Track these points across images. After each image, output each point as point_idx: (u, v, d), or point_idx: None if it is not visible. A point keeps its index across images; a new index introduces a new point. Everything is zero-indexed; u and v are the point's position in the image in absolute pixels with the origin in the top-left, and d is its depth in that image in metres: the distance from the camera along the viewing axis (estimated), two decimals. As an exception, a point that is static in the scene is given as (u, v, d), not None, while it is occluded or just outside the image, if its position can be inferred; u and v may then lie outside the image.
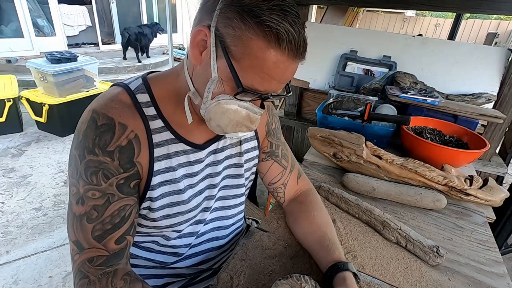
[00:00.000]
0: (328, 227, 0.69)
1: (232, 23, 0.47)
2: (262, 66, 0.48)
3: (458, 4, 1.46)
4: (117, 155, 0.53)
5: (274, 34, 0.45)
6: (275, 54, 0.47)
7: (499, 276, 0.67)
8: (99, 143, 0.52)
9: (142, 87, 0.58)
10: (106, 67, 5.33)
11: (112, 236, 0.53)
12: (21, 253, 1.64)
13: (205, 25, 0.50)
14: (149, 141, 0.56)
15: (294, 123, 1.92)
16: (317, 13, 6.24)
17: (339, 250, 0.62)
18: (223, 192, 0.72)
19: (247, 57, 0.48)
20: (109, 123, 0.52)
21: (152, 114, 0.57)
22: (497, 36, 7.65)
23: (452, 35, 3.26)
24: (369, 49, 1.63)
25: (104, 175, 0.52)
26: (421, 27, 9.13)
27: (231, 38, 0.48)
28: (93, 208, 0.52)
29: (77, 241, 0.53)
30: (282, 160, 0.78)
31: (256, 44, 0.47)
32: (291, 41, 0.46)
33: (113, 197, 0.53)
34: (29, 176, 2.31)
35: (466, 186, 0.90)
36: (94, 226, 0.52)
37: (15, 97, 2.75)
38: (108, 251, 0.53)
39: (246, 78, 0.49)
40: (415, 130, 1.17)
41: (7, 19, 5.05)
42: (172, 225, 0.64)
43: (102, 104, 0.54)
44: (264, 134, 0.77)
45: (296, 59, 0.50)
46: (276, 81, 0.51)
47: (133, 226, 0.57)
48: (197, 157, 0.63)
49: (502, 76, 1.42)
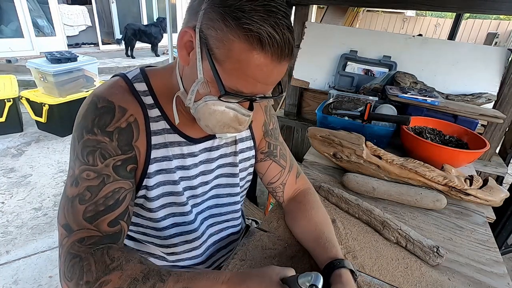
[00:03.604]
0: (325, 225, 0.69)
1: (215, 24, 0.46)
2: (245, 69, 0.47)
3: (458, 4, 1.46)
4: (116, 136, 0.53)
5: (256, 37, 0.44)
6: (258, 57, 0.46)
7: (499, 276, 0.67)
8: (99, 123, 0.52)
9: (140, 77, 0.59)
10: (106, 67, 5.33)
11: (105, 218, 0.51)
12: (21, 253, 1.64)
13: (191, 26, 0.49)
14: (147, 128, 0.57)
15: (294, 123, 1.92)
16: (317, 13, 6.24)
17: (336, 247, 0.62)
18: (217, 190, 0.73)
19: (229, 60, 0.47)
20: (109, 106, 0.53)
21: (150, 103, 0.58)
22: (497, 36, 7.65)
23: (452, 35, 3.26)
24: (369, 49, 1.63)
25: (102, 154, 0.52)
26: (421, 27, 9.13)
27: (214, 40, 0.47)
28: (87, 189, 0.51)
29: (66, 224, 0.50)
30: (280, 160, 0.78)
31: (238, 47, 0.45)
32: (274, 44, 0.45)
33: (108, 178, 0.52)
34: (29, 176, 2.31)
35: (466, 186, 0.90)
36: (87, 208, 0.50)
37: (15, 97, 2.75)
38: (100, 232, 0.50)
39: (230, 80, 0.49)
40: (415, 130, 1.17)
41: (7, 19, 5.05)
42: (167, 216, 0.64)
43: (103, 90, 0.55)
44: (261, 135, 0.77)
45: (281, 62, 0.48)
46: (261, 84, 0.50)
47: (128, 212, 0.54)
48: (190, 150, 0.63)
49: (502, 76, 1.42)
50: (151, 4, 7.51)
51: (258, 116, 0.76)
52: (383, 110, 1.26)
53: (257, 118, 0.75)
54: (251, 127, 0.74)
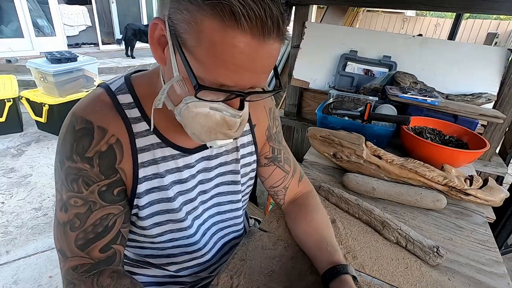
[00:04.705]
0: (326, 229, 0.67)
1: (180, 5, 0.39)
2: (222, 53, 0.38)
3: (458, 4, 1.46)
4: (96, 162, 0.49)
5: (227, 10, 0.36)
6: (234, 34, 0.37)
7: (499, 276, 0.67)
8: (77, 149, 0.48)
9: (124, 87, 0.53)
10: (106, 67, 5.32)
11: (96, 245, 0.51)
12: (21, 253, 1.64)
13: (160, 17, 0.43)
14: (132, 146, 0.52)
15: (294, 123, 1.92)
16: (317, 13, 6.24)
17: (338, 252, 0.62)
18: (218, 198, 0.69)
19: (202, 45, 0.39)
20: (87, 127, 0.49)
21: (136, 116, 0.53)
22: (497, 36, 7.65)
23: (452, 35, 3.25)
24: (369, 49, 1.63)
25: (85, 182, 0.49)
26: (421, 27, 9.13)
27: (182, 25, 0.39)
28: (76, 216, 0.50)
29: (61, 250, 0.51)
30: (284, 165, 0.75)
31: (209, 26, 0.37)
32: (252, 16, 0.36)
33: (95, 205, 0.50)
34: (29, 176, 2.31)
35: (466, 186, 0.90)
36: (77, 235, 0.50)
37: (15, 97, 2.75)
38: (92, 259, 0.51)
39: (207, 71, 0.40)
40: (415, 130, 1.17)
41: (7, 19, 5.05)
42: (164, 233, 0.61)
43: (82, 107, 0.51)
44: (264, 139, 0.73)
45: (267, 39, 0.39)
46: (248, 72, 0.41)
47: (120, 235, 0.54)
48: (186, 162, 0.59)
49: (502, 76, 1.42)
50: (151, 4, 7.50)
51: (262, 120, 0.71)
52: (383, 110, 1.26)
53: (261, 122, 0.71)
54: (253, 131, 0.69)
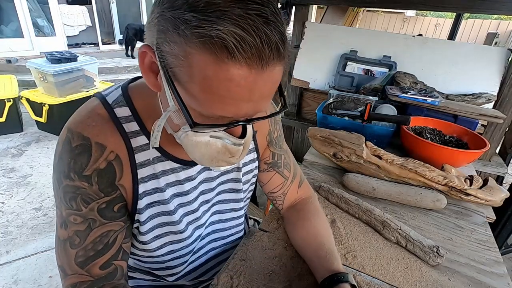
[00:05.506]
0: (325, 236, 0.67)
1: (167, 36, 0.35)
2: (217, 89, 0.35)
3: (458, 4, 1.46)
4: (95, 180, 0.48)
5: (218, 43, 0.32)
6: (228, 68, 0.33)
7: (499, 276, 0.67)
8: (75, 167, 0.47)
9: (121, 99, 0.51)
10: (106, 67, 5.32)
11: (96, 262, 0.50)
12: (21, 253, 1.64)
13: (149, 43, 0.39)
14: (131, 161, 0.50)
15: (294, 123, 1.92)
16: (317, 13, 6.24)
17: (338, 260, 0.61)
18: (219, 206, 0.68)
19: (194, 80, 0.36)
20: (84, 144, 0.47)
21: (135, 130, 0.50)
22: (497, 36, 7.64)
23: (452, 35, 3.25)
24: (369, 49, 1.63)
25: (83, 200, 0.48)
26: (421, 27, 9.13)
27: (171, 58, 0.36)
28: (75, 233, 0.49)
29: (61, 266, 0.51)
30: (284, 171, 0.74)
31: (200, 60, 0.34)
32: (246, 47, 0.32)
33: (95, 222, 0.49)
34: (29, 176, 2.31)
35: (466, 186, 0.90)
36: (77, 252, 0.50)
37: (15, 97, 2.75)
38: (92, 276, 0.51)
39: (203, 106, 0.38)
40: (415, 130, 1.17)
41: (7, 19, 5.04)
42: (163, 245, 0.61)
43: (78, 122, 0.49)
44: (265, 145, 0.71)
45: (266, 68, 0.35)
46: (247, 102, 0.37)
47: (122, 250, 0.53)
48: (187, 174, 0.57)
49: (502, 76, 1.42)
50: (151, 4, 7.47)
51: (263, 125, 0.69)
52: (383, 110, 1.26)
53: (262, 128, 0.69)
54: (255, 137, 0.68)
